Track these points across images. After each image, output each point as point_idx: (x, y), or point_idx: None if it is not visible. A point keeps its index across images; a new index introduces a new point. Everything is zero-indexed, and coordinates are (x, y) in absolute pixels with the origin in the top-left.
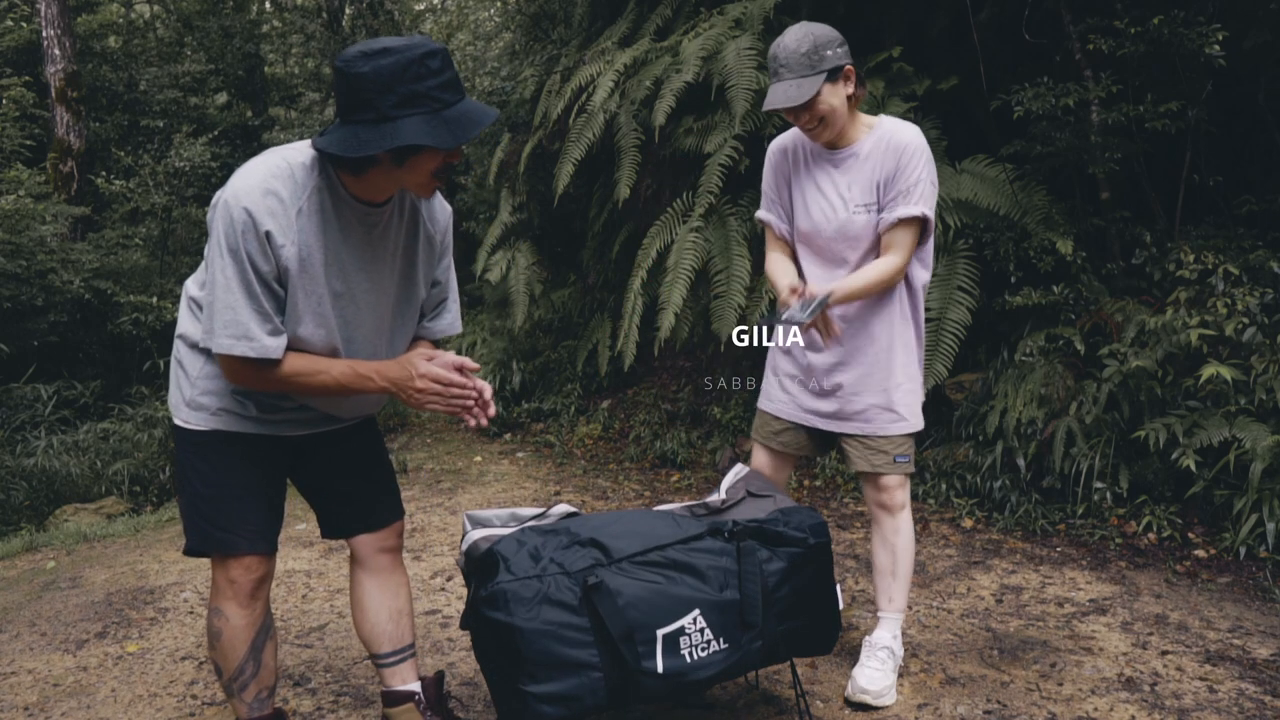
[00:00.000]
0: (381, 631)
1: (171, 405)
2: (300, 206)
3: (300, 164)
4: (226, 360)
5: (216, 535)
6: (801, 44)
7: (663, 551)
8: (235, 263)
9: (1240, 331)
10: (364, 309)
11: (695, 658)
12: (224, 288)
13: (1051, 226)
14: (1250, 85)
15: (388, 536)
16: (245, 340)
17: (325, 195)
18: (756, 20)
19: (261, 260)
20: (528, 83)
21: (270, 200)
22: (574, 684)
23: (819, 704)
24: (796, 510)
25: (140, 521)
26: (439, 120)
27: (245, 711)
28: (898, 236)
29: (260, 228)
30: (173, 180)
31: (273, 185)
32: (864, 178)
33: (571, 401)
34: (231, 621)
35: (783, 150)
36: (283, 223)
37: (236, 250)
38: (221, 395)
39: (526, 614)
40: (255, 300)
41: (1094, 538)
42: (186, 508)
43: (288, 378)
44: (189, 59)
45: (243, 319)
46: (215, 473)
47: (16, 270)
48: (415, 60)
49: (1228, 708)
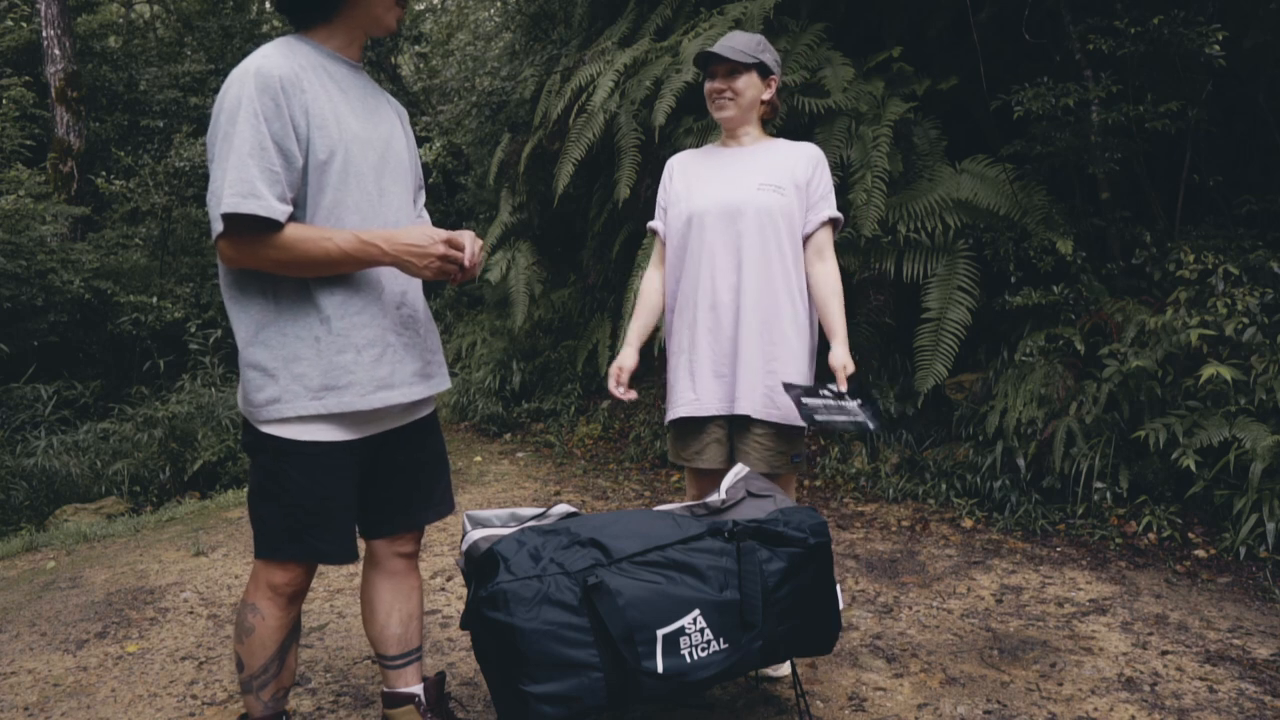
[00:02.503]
0: (391, 634)
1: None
2: (302, 66)
3: (284, 41)
4: (231, 230)
5: (312, 544)
6: (751, 39)
7: (663, 551)
8: (248, 123)
9: (1240, 331)
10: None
11: (695, 658)
12: (235, 150)
13: (1051, 226)
14: (1250, 85)
15: (407, 542)
16: (253, 198)
17: (316, 58)
18: (756, 20)
19: (275, 119)
20: (528, 83)
21: (275, 59)
22: (574, 684)
23: (819, 704)
24: (796, 510)
25: (140, 521)
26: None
27: (259, 709)
28: (824, 238)
29: (272, 78)
30: (173, 180)
31: (268, 53)
32: (767, 164)
33: (571, 401)
34: (267, 621)
35: (680, 164)
36: (288, 73)
37: (251, 111)
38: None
39: (526, 614)
40: (266, 158)
41: (1094, 538)
42: (275, 514)
43: (291, 245)
44: (189, 59)
45: (249, 177)
46: (316, 485)
47: (16, 270)
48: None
49: (1228, 708)
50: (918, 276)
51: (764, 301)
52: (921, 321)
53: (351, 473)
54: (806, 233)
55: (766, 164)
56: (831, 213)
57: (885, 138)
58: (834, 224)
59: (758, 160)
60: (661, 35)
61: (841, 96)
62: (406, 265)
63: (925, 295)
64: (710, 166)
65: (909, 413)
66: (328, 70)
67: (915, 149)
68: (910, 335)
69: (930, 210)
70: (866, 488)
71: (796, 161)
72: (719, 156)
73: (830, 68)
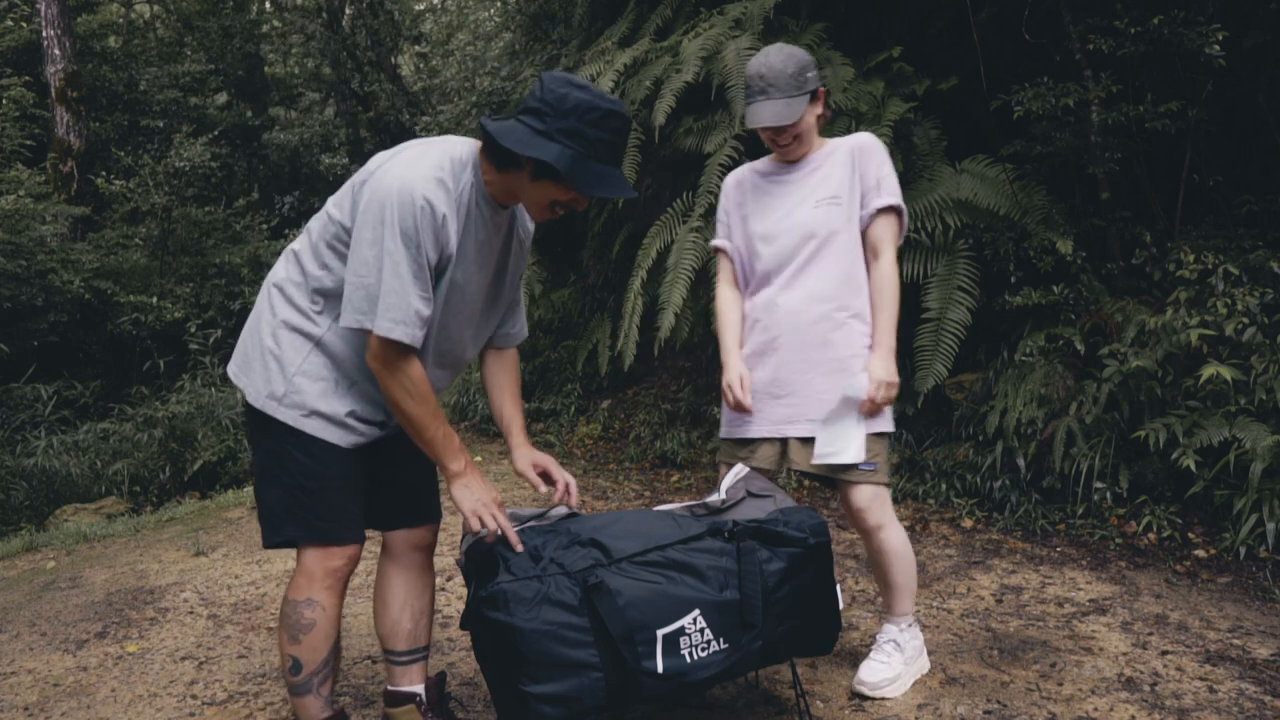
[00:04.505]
0: (401, 629)
1: (257, 393)
2: (459, 198)
3: (458, 159)
4: (381, 342)
5: (321, 526)
6: (788, 65)
7: (663, 551)
8: (408, 249)
9: (1240, 331)
10: (468, 300)
11: (695, 658)
12: (392, 273)
13: (1051, 226)
14: (1250, 85)
15: (425, 535)
16: (405, 326)
17: (474, 192)
18: (756, 20)
19: (431, 249)
20: (527, 83)
21: (442, 191)
22: (574, 684)
23: (819, 704)
24: (796, 510)
25: (140, 521)
26: (584, 164)
27: (319, 709)
28: (881, 231)
29: (438, 214)
30: (173, 180)
31: (442, 176)
32: (823, 175)
33: (571, 401)
34: (328, 611)
35: (739, 183)
36: (450, 210)
37: (410, 236)
38: (318, 397)
39: (526, 614)
40: (423, 287)
41: (1094, 538)
42: (280, 498)
43: (408, 379)
44: (189, 59)
45: (409, 304)
46: (316, 465)
47: (16, 270)
48: (601, 110)
49: (1228, 708)
50: (918, 276)
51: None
52: (921, 321)
53: (353, 455)
54: (862, 228)
55: (822, 175)
56: (885, 201)
57: (885, 138)
58: (895, 215)
59: (815, 174)
60: (661, 35)
61: (841, 96)
62: (457, 498)
63: (925, 295)
64: (769, 189)
65: (909, 413)
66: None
67: (915, 149)
68: (910, 335)
69: (930, 210)
70: None
71: (846, 158)
72: (777, 176)
73: (830, 68)
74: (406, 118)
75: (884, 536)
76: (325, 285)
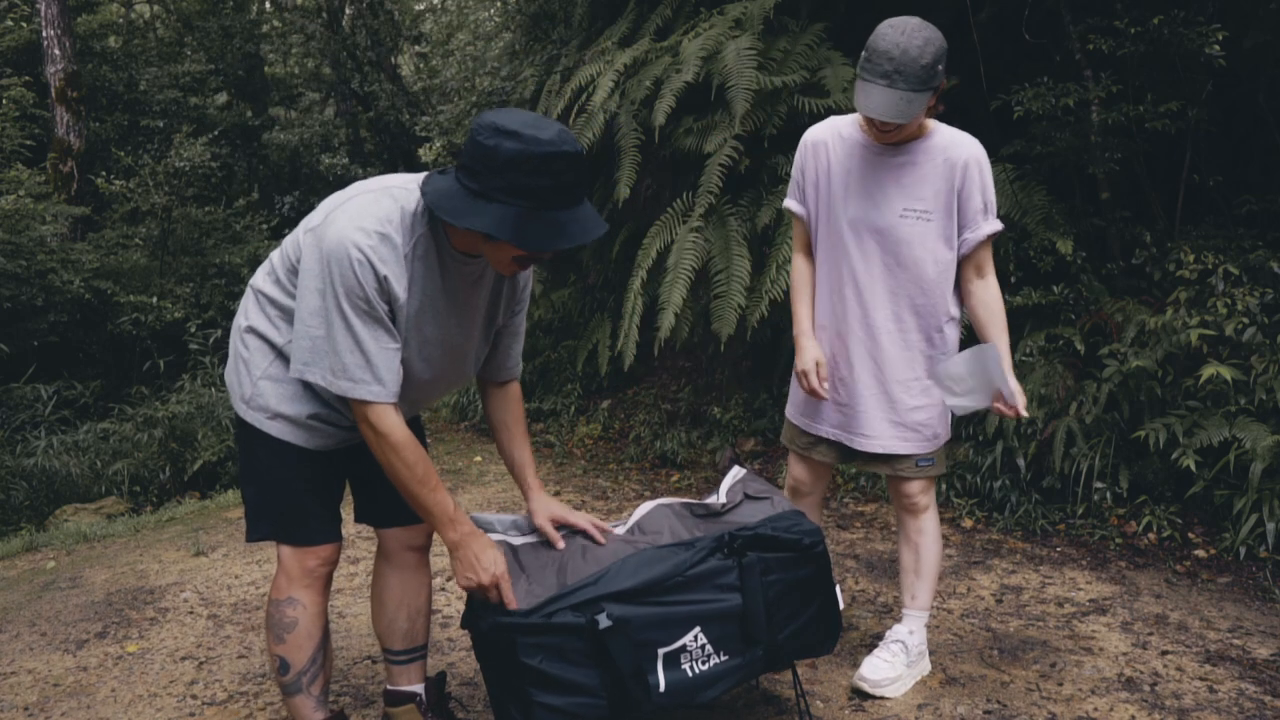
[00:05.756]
0: (398, 629)
1: (232, 394)
2: (408, 252)
3: (408, 209)
4: (353, 401)
5: (289, 526)
6: (924, 54)
7: (665, 584)
8: (352, 305)
9: (1240, 331)
10: (447, 351)
11: (696, 671)
12: (342, 330)
13: (1051, 226)
14: (1250, 85)
15: (419, 534)
16: (366, 385)
17: (430, 242)
18: (756, 20)
19: (379, 300)
20: (528, 83)
21: (386, 247)
22: (575, 700)
23: (819, 704)
24: (791, 514)
25: (140, 521)
26: (534, 219)
27: (310, 708)
28: (984, 255)
29: (379, 274)
30: (173, 180)
31: (387, 231)
32: (915, 178)
33: (571, 401)
34: (309, 609)
35: (822, 144)
36: (395, 269)
37: (355, 291)
38: (280, 400)
39: (531, 642)
40: (377, 339)
41: (1094, 538)
42: (255, 496)
43: (390, 443)
44: (189, 59)
45: (364, 362)
46: (281, 466)
47: (16, 270)
48: (538, 157)
49: (1228, 708)
50: None
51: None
52: None
53: (319, 459)
54: (963, 254)
55: (915, 178)
56: (994, 228)
57: None
58: (991, 238)
59: (906, 173)
60: (661, 35)
61: (841, 96)
62: (454, 563)
63: None
64: (854, 167)
65: None
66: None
67: None
68: None
69: None
70: (866, 488)
71: (946, 169)
72: (865, 155)
73: (830, 68)
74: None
75: (927, 517)
76: (285, 304)
